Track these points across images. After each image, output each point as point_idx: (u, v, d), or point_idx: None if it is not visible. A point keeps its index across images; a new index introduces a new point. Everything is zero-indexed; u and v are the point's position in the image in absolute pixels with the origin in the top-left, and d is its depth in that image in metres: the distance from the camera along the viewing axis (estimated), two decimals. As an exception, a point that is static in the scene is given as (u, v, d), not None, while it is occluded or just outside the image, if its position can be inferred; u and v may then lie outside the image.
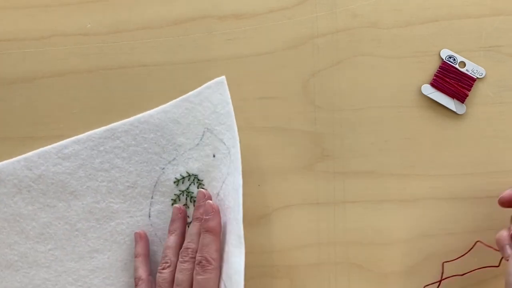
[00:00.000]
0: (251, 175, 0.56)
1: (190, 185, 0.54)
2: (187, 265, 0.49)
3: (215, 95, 0.53)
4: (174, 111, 0.54)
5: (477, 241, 0.54)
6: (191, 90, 0.58)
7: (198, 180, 0.53)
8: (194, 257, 0.49)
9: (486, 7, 0.58)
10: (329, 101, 0.57)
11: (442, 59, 0.57)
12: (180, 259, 0.50)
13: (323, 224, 0.56)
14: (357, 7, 0.58)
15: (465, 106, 0.57)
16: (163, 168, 0.54)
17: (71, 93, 0.58)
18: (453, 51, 0.57)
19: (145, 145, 0.54)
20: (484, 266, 0.54)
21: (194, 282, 0.48)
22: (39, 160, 0.54)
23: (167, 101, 0.58)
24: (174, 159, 0.54)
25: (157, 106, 0.57)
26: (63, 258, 0.54)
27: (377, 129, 0.57)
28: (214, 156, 0.53)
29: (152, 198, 0.54)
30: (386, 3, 0.58)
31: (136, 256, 0.53)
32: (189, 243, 0.50)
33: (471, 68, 0.57)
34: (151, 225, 0.54)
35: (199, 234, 0.50)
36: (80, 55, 0.58)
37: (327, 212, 0.56)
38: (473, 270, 0.54)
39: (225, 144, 0.52)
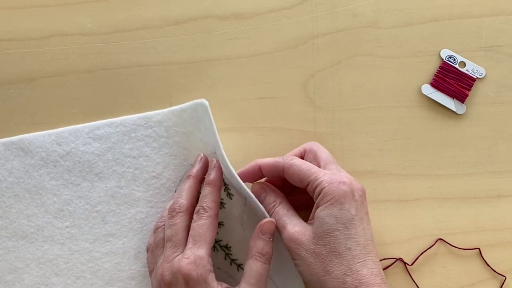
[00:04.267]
0: (251, 175, 0.56)
1: None
2: (174, 221, 0.49)
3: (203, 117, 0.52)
4: (199, 112, 0.53)
5: (439, 239, 0.55)
6: (191, 90, 0.58)
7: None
8: (182, 211, 0.50)
9: (486, 7, 0.58)
10: (329, 101, 0.57)
11: (442, 59, 0.57)
12: (168, 215, 0.50)
13: (323, 224, 0.56)
14: (357, 7, 0.58)
15: (465, 106, 0.57)
16: (191, 164, 0.54)
17: (71, 93, 0.58)
18: (453, 51, 0.57)
19: (177, 139, 0.54)
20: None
21: (190, 229, 0.49)
22: (70, 137, 0.55)
23: (167, 101, 0.58)
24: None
25: (157, 106, 0.57)
26: (79, 237, 0.54)
27: (377, 129, 0.57)
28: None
29: (175, 191, 0.54)
30: (386, 3, 0.58)
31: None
32: (177, 198, 0.51)
33: (471, 68, 0.57)
34: None
35: (189, 190, 0.51)
36: (80, 55, 0.58)
37: (327, 212, 0.56)
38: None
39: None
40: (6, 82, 0.58)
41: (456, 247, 0.55)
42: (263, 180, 0.54)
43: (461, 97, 0.57)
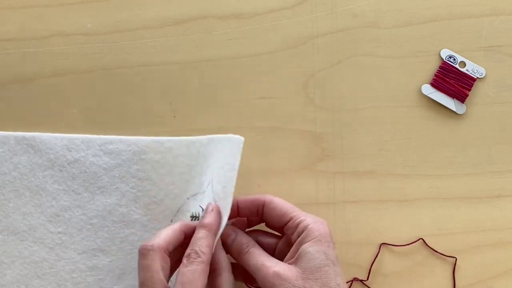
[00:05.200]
0: (251, 175, 0.56)
1: None
2: (145, 262, 0.46)
3: (228, 152, 0.51)
4: (207, 149, 0.53)
5: (420, 239, 0.55)
6: (191, 90, 0.58)
7: None
8: (154, 250, 0.46)
9: (486, 7, 0.58)
10: (329, 101, 0.57)
11: (442, 59, 0.57)
12: (139, 253, 0.46)
13: (323, 224, 0.56)
14: (357, 7, 0.58)
15: (465, 106, 0.57)
16: (188, 198, 0.53)
17: (71, 93, 0.58)
18: (453, 51, 0.57)
19: (181, 170, 0.53)
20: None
21: (178, 275, 0.45)
22: (81, 145, 0.54)
23: (167, 101, 0.58)
24: (196, 194, 0.53)
25: (157, 106, 0.57)
26: (69, 245, 0.54)
27: (377, 129, 0.57)
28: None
29: (171, 221, 0.53)
30: (386, 3, 0.58)
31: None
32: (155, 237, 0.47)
33: (471, 68, 0.57)
34: None
35: (171, 232, 0.48)
36: (80, 55, 0.58)
37: (327, 212, 0.56)
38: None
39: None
40: (6, 82, 0.58)
41: (437, 252, 0.55)
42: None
43: (461, 97, 0.57)
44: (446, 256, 0.55)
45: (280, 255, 0.50)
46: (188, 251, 0.46)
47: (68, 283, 0.53)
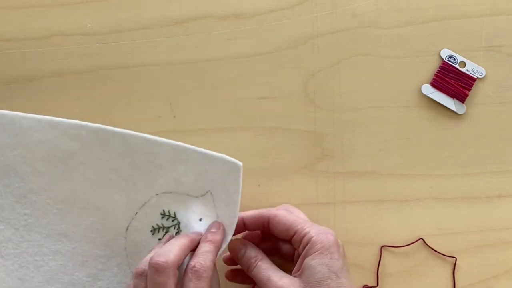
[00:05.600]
0: (251, 175, 0.56)
1: (171, 227, 0.52)
2: (159, 279, 0.45)
3: (226, 174, 0.51)
4: (184, 155, 0.52)
5: (420, 239, 0.55)
6: (191, 90, 0.58)
7: (179, 228, 0.52)
8: (169, 268, 0.45)
9: (486, 7, 0.58)
10: (329, 101, 0.57)
11: (442, 59, 0.57)
12: (153, 269, 0.45)
13: (323, 224, 0.56)
14: (357, 7, 0.58)
15: (465, 106, 0.57)
16: (158, 195, 0.52)
17: (71, 93, 0.58)
18: (453, 51, 0.57)
19: (147, 167, 0.52)
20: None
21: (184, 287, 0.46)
22: (47, 128, 0.53)
23: (167, 101, 0.58)
24: (171, 192, 0.52)
25: (157, 106, 0.57)
26: (34, 228, 0.53)
27: (377, 129, 0.57)
28: (200, 220, 0.51)
29: (136, 214, 0.53)
30: (386, 3, 0.58)
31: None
32: (167, 252, 0.46)
33: (471, 68, 0.57)
34: (125, 238, 0.53)
35: (181, 249, 0.47)
36: (80, 55, 0.58)
37: (327, 212, 0.56)
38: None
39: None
40: (6, 82, 0.58)
41: (437, 252, 0.55)
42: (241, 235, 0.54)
43: (461, 97, 0.57)
44: (446, 256, 0.55)
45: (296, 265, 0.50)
46: (193, 263, 0.46)
47: (31, 266, 0.53)
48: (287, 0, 0.58)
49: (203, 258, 0.46)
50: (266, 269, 0.49)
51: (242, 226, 0.52)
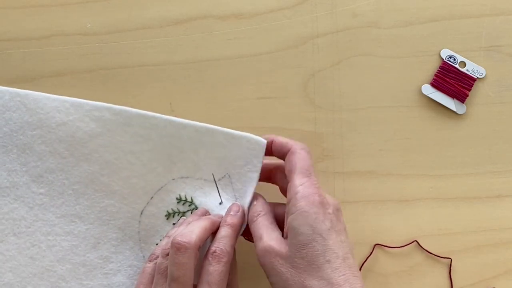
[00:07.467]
0: (251, 175, 0.56)
1: (187, 211, 0.53)
2: (181, 259, 0.45)
3: (247, 151, 0.51)
4: (206, 137, 0.52)
5: (414, 241, 0.55)
6: (191, 90, 0.58)
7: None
8: (191, 249, 0.45)
9: (486, 7, 0.58)
10: (329, 101, 0.57)
11: (442, 59, 0.57)
12: (174, 249, 0.45)
13: (323, 224, 0.56)
14: (357, 7, 0.58)
15: (465, 106, 0.57)
16: (174, 179, 0.53)
17: (71, 93, 0.58)
18: (453, 51, 0.57)
19: (167, 150, 0.53)
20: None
21: (203, 272, 0.45)
22: (70, 109, 0.53)
23: (167, 101, 0.58)
24: (188, 177, 0.53)
25: (157, 106, 0.57)
26: (48, 208, 0.53)
27: (377, 129, 0.57)
28: (220, 203, 0.52)
29: (151, 198, 0.53)
30: (386, 3, 0.58)
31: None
32: (189, 233, 0.46)
33: (471, 68, 0.57)
34: (139, 221, 0.53)
35: (204, 230, 0.47)
36: (80, 55, 0.58)
37: (327, 212, 0.56)
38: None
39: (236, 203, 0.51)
40: (6, 82, 0.58)
41: (432, 253, 0.55)
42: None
43: (461, 97, 0.57)
44: (441, 257, 0.55)
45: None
46: (213, 248, 0.46)
47: (43, 245, 0.53)
48: (287, 0, 0.58)
49: (223, 243, 0.46)
50: (262, 227, 0.47)
51: (269, 148, 0.51)
